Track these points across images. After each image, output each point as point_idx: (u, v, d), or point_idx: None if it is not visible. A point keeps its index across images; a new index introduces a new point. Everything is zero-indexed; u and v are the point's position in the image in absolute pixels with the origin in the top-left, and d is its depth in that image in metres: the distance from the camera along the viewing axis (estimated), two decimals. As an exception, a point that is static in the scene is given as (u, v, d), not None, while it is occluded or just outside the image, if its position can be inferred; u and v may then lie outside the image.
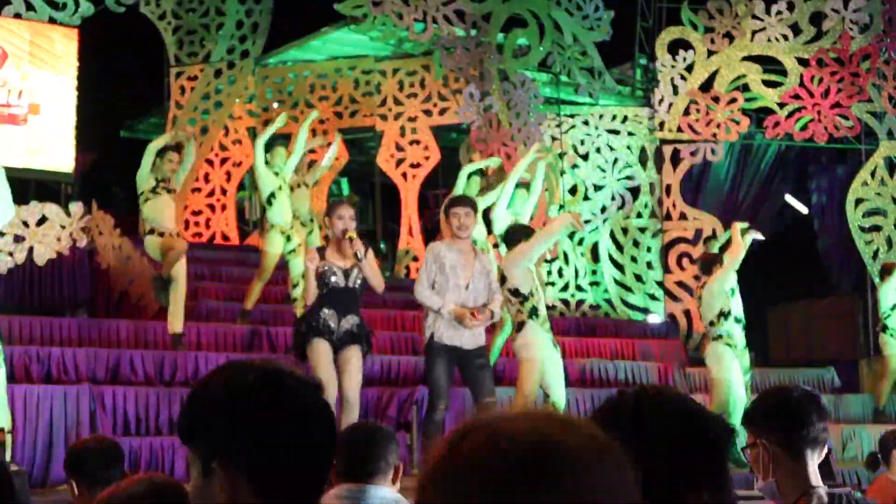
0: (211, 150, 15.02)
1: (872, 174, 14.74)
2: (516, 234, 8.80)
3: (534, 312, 8.59)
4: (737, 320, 10.22)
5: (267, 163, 11.08)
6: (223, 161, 15.21)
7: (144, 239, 10.27)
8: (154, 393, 8.89)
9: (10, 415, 7.56)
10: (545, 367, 8.64)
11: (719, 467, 1.96)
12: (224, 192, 15.20)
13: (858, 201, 14.68)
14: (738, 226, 10.64)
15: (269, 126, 11.64)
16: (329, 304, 7.78)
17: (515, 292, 8.52)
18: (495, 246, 10.71)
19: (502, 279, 8.51)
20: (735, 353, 10.19)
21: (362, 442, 3.89)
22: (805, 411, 2.98)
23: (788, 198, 17.99)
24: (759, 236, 10.62)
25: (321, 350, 7.70)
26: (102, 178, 16.38)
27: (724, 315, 10.09)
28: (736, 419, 10.05)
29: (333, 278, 7.78)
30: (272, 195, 10.99)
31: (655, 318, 14.64)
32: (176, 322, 9.95)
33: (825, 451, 3.04)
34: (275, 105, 15.54)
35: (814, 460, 2.99)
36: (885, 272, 12.74)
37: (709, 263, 10.33)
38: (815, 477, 2.98)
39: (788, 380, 13.34)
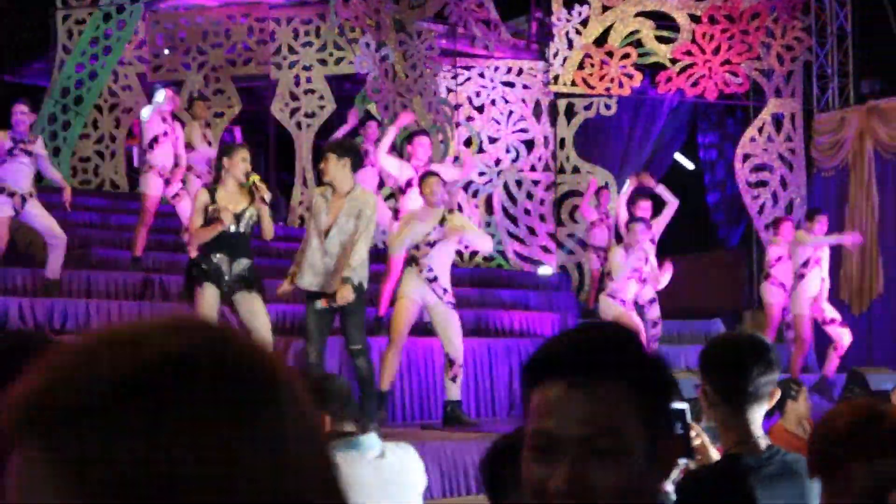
0: (100, 97, 14.67)
1: (760, 131, 15.05)
2: None
3: (411, 261, 8.89)
4: None
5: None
6: (112, 107, 14.87)
7: None
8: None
9: None
10: (431, 316, 8.98)
11: None
12: (113, 138, 14.87)
13: (746, 157, 15.00)
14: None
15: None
16: (220, 248, 7.72)
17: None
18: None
19: None
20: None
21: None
22: (745, 365, 2.99)
23: (677, 155, 18.29)
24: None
25: (208, 296, 7.69)
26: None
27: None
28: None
29: (225, 221, 7.71)
30: (155, 139, 10.86)
31: (547, 270, 14.80)
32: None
33: (773, 401, 3.08)
34: (165, 51, 15.22)
35: (754, 412, 3.02)
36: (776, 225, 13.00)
37: None
38: (754, 427, 3.02)
39: (677, 332, 13.65)
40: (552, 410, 1.46)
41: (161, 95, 11.16)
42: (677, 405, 4.23)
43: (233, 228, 7.73)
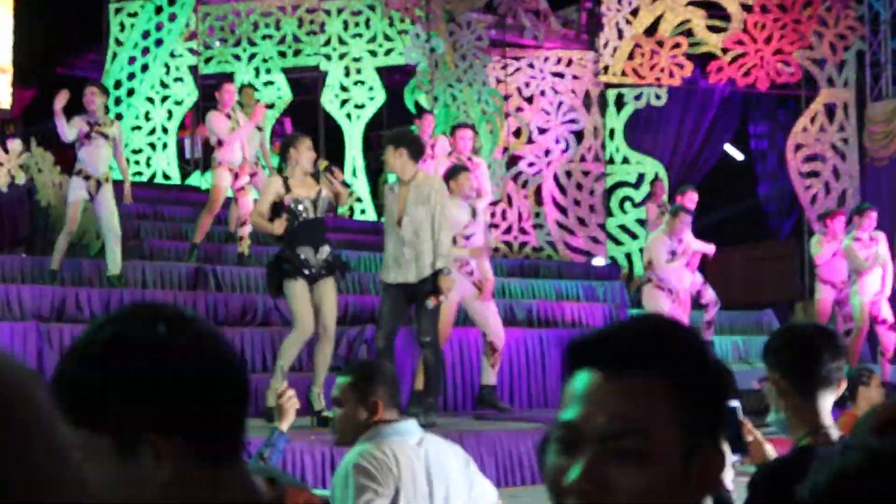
0: (152, 89, 14.79)
1: (812, 121, 14.92)
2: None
3: None
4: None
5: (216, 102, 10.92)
6: (164, 99, 14.99)
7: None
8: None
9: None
10: (469, 309, 9.36)
11: None
12: (165, 130, 14.99)
13: (798, 147, 14.87)
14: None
15: None
16: (304, 239, 7.86)
17: None
18: None
19: None
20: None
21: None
22: (816, 349, 2.99)
23: (727, 146, 18.16)
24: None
25: (300, 289, 7.80)
26: (42, 115, 16.06)
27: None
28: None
29: (303, 209, 7.83)
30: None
31: (599, 261, 14.77)
32: (112, 265, 9.86)
33: (841, 390, 3.07)
34: (216, 44, 15.32)
35: (825, 399, 3.00)
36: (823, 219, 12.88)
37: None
38: (825, 415, 3.00)
39: (729, 323, 13.56)
40: (580, 401, 1.36)
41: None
42: (730, 403, 4.21)
43: (311, 215, 7.87)
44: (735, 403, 3.97)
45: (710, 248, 11.27)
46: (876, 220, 12.00)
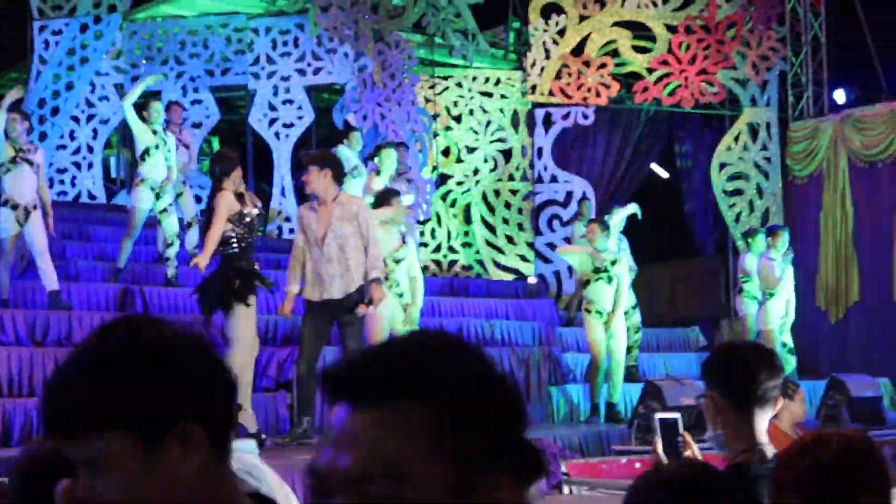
0: (77, 107, 14.61)
1: (736, 139, 15.16)
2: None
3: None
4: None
5: (144, 119, 10.81)
6: (90, 118, 14.80)
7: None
8: (28, 353, 8.67)
9: None
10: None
11: None
12: (90, 149, 14.80)
13: (722, 166, 15.10)
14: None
15: (137, 85, 11.40)
16: (251, 254, 8.09)
17: None
18: None
19: None
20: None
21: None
22: (753, 368, 3.04)
23: (653, 164, 18.37)
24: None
25: (253, 307, 7.97)
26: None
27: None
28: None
29: (253, 224, 8.03)
30: (146, 151, 10.76)
31: (531, 279, 14.86)
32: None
33: (777, 407, 3.12)
34: (143, 62, 15.17)
35: (761, 417, 3.06)
36: (747, 237, 13.09)
37: None
38: (760, 433, 3.06)
39: (656, 340, 13.70)
40: (332, 442, 1.17)
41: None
42: (668, 416, 4.25)
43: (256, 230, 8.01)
44: (675, 416, 4.03)
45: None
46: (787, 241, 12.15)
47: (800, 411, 7.08)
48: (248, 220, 7.88)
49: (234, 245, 7.85)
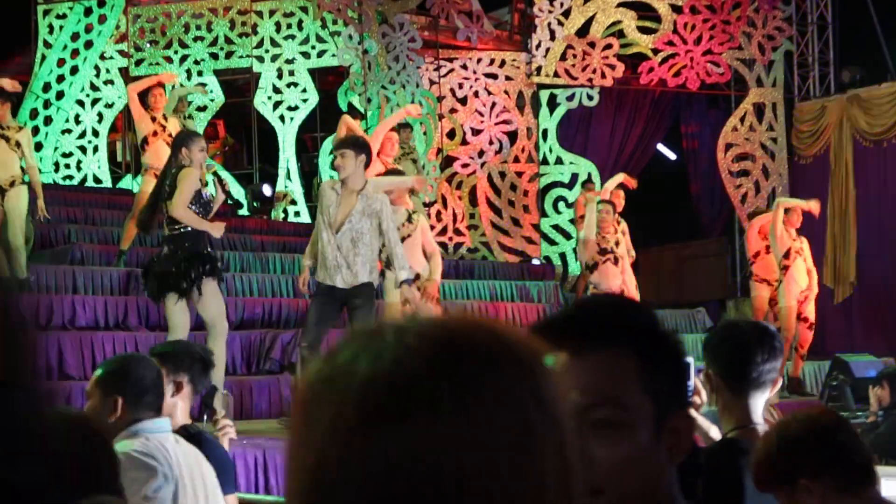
0: (82, 91, 14.63)
1: (742, 120, 15.12)
2: None
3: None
4: None
5: (147, 107, 10.79)
6: (94, 102, 14.82)
7: None
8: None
9: None
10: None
11: None
12: (96, 133, 14.83)
13: (728, 146, 15.07)
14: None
15: (149, 78, 11.37)
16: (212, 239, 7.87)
17: None
18: None
19: None
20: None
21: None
22: (749, 350, 3.03)
23: (659, 145, 18.33)
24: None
25: (217, 287, 7.80)
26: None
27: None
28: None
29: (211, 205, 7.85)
30: (145, 139, 10.75)
31: (536, 261, 14.85)
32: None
33: (775, 389, 3.13)
34: (147, 45, 15.17)
35: (756, 398, 3.05)
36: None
37: None
38: (755, 414, 3.05)
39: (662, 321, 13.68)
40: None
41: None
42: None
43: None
44: (688, 360, 4.04)
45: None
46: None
47: (773, 397, 7.08)
48: (209, 201, 7.74)
49: (219, 236, 7.78)
